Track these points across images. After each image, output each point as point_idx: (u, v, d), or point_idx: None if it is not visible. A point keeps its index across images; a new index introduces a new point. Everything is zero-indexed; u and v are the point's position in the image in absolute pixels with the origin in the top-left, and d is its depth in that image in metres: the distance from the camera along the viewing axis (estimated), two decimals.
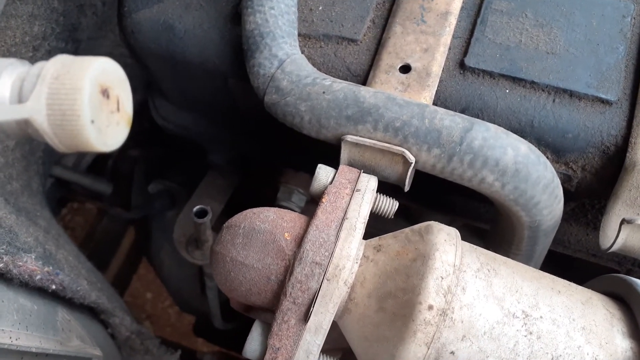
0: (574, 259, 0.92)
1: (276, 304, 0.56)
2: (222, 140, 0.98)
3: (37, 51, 0.97)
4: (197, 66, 0.81)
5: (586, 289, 0.61)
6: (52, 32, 0.98)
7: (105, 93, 0.33)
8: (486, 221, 0.91)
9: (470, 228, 1.11)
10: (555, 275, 0.88)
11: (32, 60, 1.01)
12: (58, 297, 0.82)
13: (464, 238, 1.13)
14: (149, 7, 0.81)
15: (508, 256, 0.74)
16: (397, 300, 0.54)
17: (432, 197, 0.90)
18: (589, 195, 0.76)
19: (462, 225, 1.11)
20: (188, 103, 0.94)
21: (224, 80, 0.81)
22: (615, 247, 0.66)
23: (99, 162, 1.60)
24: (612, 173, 0.70)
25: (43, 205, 1.06)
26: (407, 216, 1.15)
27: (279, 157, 0.97)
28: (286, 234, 0.57)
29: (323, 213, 0.57)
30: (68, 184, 1.53)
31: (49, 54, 1.02)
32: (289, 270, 0.55)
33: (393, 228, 1.11)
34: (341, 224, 0.57)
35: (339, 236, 0.56)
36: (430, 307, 0.52)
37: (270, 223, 0.58)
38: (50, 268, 0.74)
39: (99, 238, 2.07)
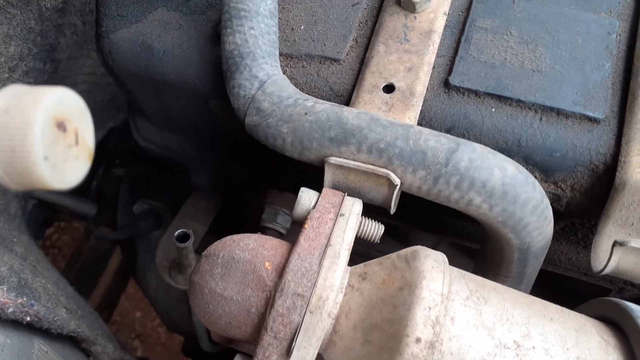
0: (564, 278, 0.91)
1: (257, 338, 0.53)
2: (205, 161, 0.96)
3: (14, 72, 0.95)
4: (177, 87, 0.79)
5: (579, 315, 0.59)
6: (29, 53, 0.96)
7: (61, 126, 0.30)
8: (475, 240, 0.89)
9: (459, 247, 1.09)
10: (546, 293, 0.85)
11: (8, 82, 0.99)
12: (34, 329, 0.78)
13: (453, 257, 1.11)
14: (127, 27, 0.79)
15: (497, 279, 0.73)
16: (383, 333, 0.52)
17: (420, 217, 0.88)
18: (579, 215, 0.74)
19: (451, 244, 1.09)
20: (169, 124, 0.92)
21: (204, 101, 0.79)
22: (607, 270, 0.64)
23: (84, 182, 1.57)
24: (602, 192, 0.68)
25: (21, 230, 1.03)
26: (395, 235, 1.13)
27: (263, 178, 0.95)
28: (267, 264, 0.54)
29: (305, 240, 0.55)
30: (52, 205, 1.50)
31: (26, 75, 0.99)
32: (269, 303, 0.53)
33: (380, 247, 1.09)
34: (324, 252, 0.54)
35: (322, 265, 0.53)
36: (418, 340, 0.50)
37: (250, 252, 0.55)
38: (25, 299, 0.71)
39: (86, 257, 2.03)
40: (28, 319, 0.71)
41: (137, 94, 0.86)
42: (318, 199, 0.61)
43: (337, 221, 0.57)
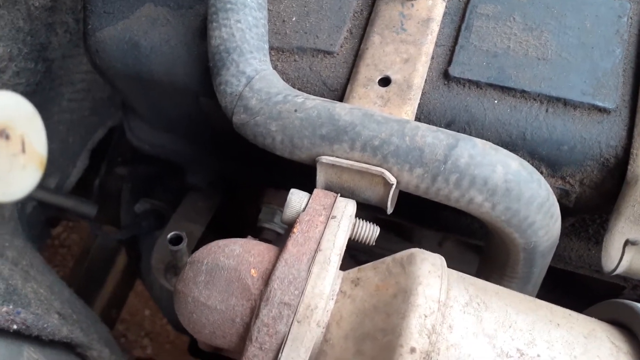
0: (576, 276, 0.87)
1: (243, 348, 0.50)
2: (200, 160, 0.93)
3: (4, 73, 0.93)
4: (166, 85, 0.76)
5: (589, 319, 0.55)
6: (19, 53, 0.94)
7: (2, 134, 0.28)
8: (480, 238, 0.85)
9: (466, 243, 1.05)
10: (557, 292, 0.81)
11: None
12: (23, 336, 0.77)
13: (459, 254, 1.07)
14: (114, 25, 0.76)
15: (503, 280, 0.69)
16: (376, 343, 0.48)
17: (422, 214, 0.85)
18: (589, 211, 0.70)
19: (457, 240, 1.05)
20: (162, 123, 0.89)
21: (195, 99, 0.76)
22: (619, 270, 0.60)
23: (86, 182, 1.56)
24: (613, 187, 0.64)
25: (16, 234, 1.01)
26: (400, 232, 1.09)
27: (260, 176, 0.91)
28: (252, 271, 0.51)
29: (294, 245, 0.52)
30: (51, 206, 1.49)
31: (17, 76, 0.97)
32: (255, 312, 0.50)
33: (385, 244, 1.06)
34: (314, 258, 0.51)
35: (310, 271, 0.50)
36: (413, 350, 0.47)
37: (235, 258, 0.52)
38: (11, 307, 0.69)
39: (94, 256, 2.03)
40: (15, 327, 0.69)
41: (127, 93, 0.83)
42: (309, 200, 0.57)
43: (328, 224, 0.54)
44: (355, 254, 1.13)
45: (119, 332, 2.36)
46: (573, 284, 1.00)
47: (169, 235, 0.83)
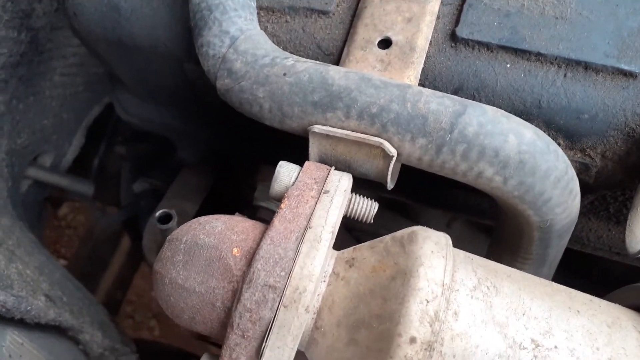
0: (595, 258, 0.81)
1: (224, 335, 0.45)
2: (191, 134, 0.88)
3: None
4: (148, 51, 0.70)
5: (612, 306, 0.50)
6: None
7: None
8: (491, 217, 0.79)
9: (476, 224, 1.00)
10: (573, 277, 0.75)
11: None
12: (6, 319, 0.73)
13: (469, 235, 1.01)
14: None
15: (516, 262, 0.64)
16: (371, 331, 0.43)
17: (428, 192, 0.79)
18: (610, 187, 0.64)
19: (467, 221, 1.00)
20: (149, 93, 0.83)
21: (180, 66, 0.71)
22: None
23: (83, 161, 1.52)
24: (638, 160, 0.58)
25: (3, 213, 0.97)
26: (406, 213, 1.04)
27: (255, 151, 0.86)
28: (235, 250, 0.46)
29: (281, 222, 0.47)
30: (47, 185, 1.45)
31: None
32: (236, 295, 0.44)
33: (392, 226, 1.00)
34: (303, 235, 0.46)
35: (299, 250, 0.45)
36: (413, 340, 0.41)
37: (216, 236, 0.47)
38: None
39: (98, 237, 2.00)
40: None
41: (110, 60, 0.78)
42: (299, 174, 0.52)
43: (319, 199, 0.49)
44: (360, 236, 1.08)
45: (127, 314, 2.35)
46: (590, 267, 0.94)
47: (157, 213, 0.78)
